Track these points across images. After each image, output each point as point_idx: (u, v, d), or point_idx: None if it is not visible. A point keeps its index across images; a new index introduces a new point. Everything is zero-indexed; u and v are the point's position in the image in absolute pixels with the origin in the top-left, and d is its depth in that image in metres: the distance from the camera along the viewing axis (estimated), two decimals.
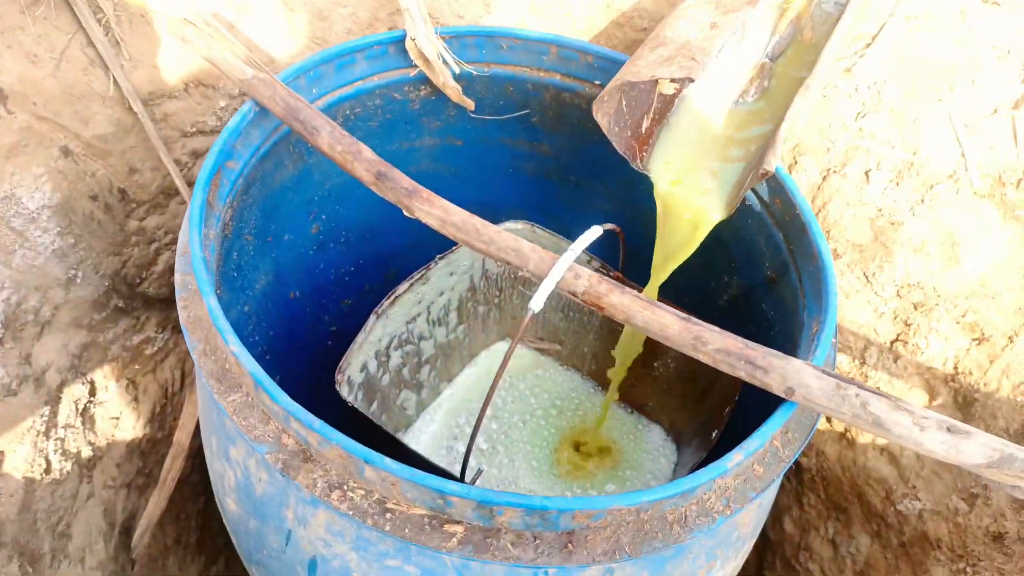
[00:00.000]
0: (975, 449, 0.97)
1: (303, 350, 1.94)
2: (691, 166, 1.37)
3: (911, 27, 1.57)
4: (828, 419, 1.84)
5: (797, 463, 1.99)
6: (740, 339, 1.08)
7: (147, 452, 1.98)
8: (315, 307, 1.95)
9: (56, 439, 1.65)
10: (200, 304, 1.16)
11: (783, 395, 1.05)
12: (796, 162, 1.66)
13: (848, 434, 1.79)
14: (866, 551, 1.82)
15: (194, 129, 1.68)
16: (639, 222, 1.68)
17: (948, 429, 0.97)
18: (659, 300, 1.15)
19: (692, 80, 1.31)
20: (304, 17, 1.68)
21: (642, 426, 1.93)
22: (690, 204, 1.34)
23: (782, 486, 2.08)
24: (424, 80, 1.59)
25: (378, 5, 1.71)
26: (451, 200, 1.24)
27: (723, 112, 1.41)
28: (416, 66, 1.55)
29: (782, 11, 1.41)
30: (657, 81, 1.35)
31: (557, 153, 1.84)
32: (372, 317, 1.54)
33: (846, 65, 1.59)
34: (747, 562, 2.02)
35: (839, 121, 1.61)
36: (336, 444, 0.97)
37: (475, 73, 1.61)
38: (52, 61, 1.43)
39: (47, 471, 1.63)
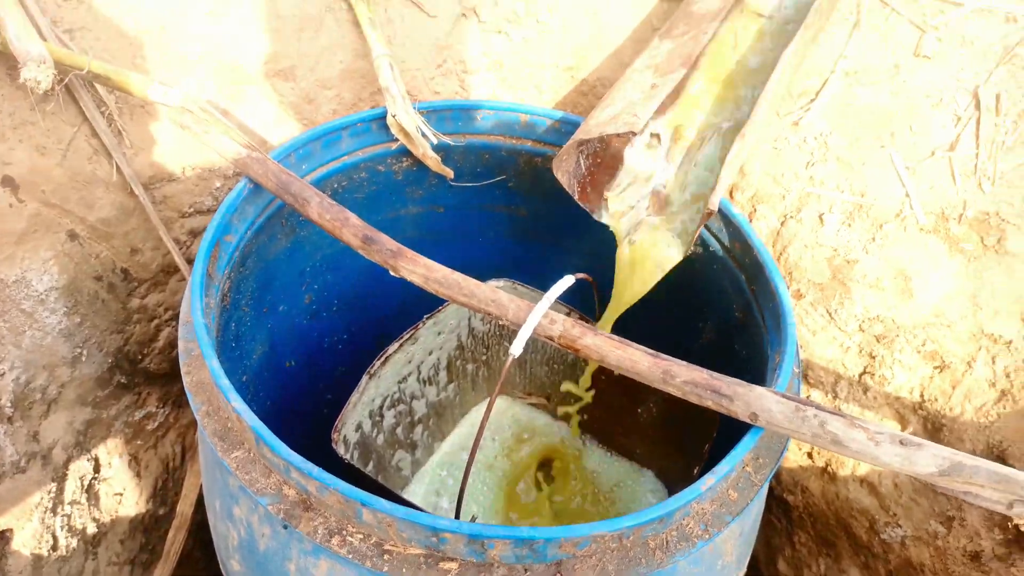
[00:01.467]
0: (927, 459, 1.04)
1: (301, 419, 1.99)
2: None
3: (850, 81, 1.70)
4: (809, 455, 1.91)
5: (785, 501, 2.03)
6: (706, 371, 1.16)
7: (150, 528, 2.01)
8: (311, 375, 2.01)
9: (63, 515, 1.69)
10: (203, 368, 1.24)
11: (748, 420, 1.13)
12: (755, 210, 1.78)
13: (829, 468, 1.85)
14: None
15: (192, 209, 1.78)
16: (611, 274, 1.78)
17: (901, 442, 1.05)
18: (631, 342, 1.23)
19: (635, 134, 1.45)
20: (292, 101, 1.80)
21: (635, 471, 1.99)
22: (652, 254, 1.45)
23: (773, 526, 2.13)
24: (405, 152, 1.70)
25: (360, 87, 1.84)
26: None
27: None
28: (397, 140, 1.67)
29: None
30: (607, 138, 1.48)
31: (534, 215, 1.94)
32: (365, 377, 1.61)
33: (794, 119, 1.72)
34: None
35: (791, 170, 1.73)
36: (334, 489, 1.03)
37: (452, 143, 1.73)
38: (60, 151, 1.54)
39: (54, 548, 1.67)
